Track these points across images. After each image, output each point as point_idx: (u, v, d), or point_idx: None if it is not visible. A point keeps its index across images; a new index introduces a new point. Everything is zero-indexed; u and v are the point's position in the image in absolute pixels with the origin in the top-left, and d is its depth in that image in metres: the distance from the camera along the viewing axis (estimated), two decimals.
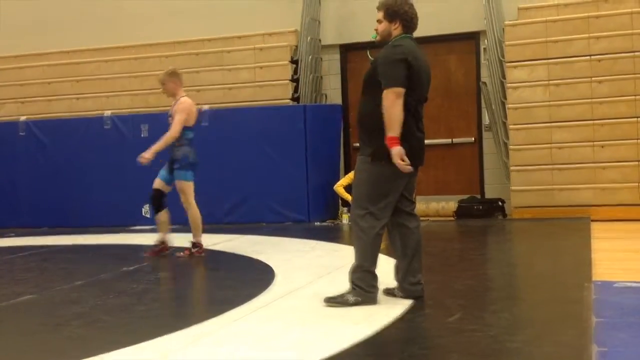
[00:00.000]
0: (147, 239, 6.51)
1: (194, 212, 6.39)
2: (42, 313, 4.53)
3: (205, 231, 6.53)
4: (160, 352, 3.46)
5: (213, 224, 8.41)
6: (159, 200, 6.37)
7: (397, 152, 4.00)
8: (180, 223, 6.68)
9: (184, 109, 6.28)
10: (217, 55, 9.77)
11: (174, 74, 6.44)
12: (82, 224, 9.03)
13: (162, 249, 6.42)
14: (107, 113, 9.45)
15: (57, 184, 9.46)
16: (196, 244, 6.41)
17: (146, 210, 8.74)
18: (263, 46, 9.65)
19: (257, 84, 9.50)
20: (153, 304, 4.82)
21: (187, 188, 6.32)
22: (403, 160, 4.00)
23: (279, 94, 9.40)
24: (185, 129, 6.31)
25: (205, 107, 8.87)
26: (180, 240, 6.59)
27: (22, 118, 9.82)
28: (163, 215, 6.41)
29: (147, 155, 6.24)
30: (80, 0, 10.48)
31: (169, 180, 6.38)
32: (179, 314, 4.39)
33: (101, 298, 4.90)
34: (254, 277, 5.28)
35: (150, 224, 6.87)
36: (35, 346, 3.75)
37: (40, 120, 9.79)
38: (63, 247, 7.68)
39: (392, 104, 4.00)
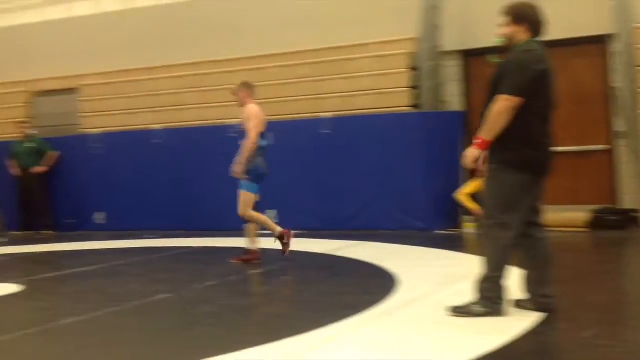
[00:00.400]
0: (271, 243, 6.67)
1: (257, 219, 6.39)
2: (177, 311, 4.78)
3: (326, 237, 6.62)
4: (287, 353, 3.55)
5: (334, 230, 8.54)
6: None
7: (474, 153, 3.97)
8: (307, 228, 6.76)
9: (255, 115, 6.38)
10: (338, 64, 9.89)
11: (246, 85, 6.61)
12: (211, 227, 9.40)
13: (251, 258, 6.46)
14: (234, 122, 9.83)
15: (187, 188, 9.93)
16: (281, 235, 6.42)
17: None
18: (382, 54, 9.68)
19: (376, 91, 9.53)
20: (279, 306, 4.97)
21: (249, 200, 6.36)
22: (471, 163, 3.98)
23: (399, 101, 9.39)
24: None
25: (327, 114, 9.02)
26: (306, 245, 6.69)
27: (156, 126, 10.44)
28: (254, 225, 6.47)
29: (237, 170, 6.37)
30: (205, 15, 10.93)
31: (256, 190, 6.45)
32: (303, 317, 4.47)
33: (231, 298, 5.11)
34: (376, 284, 5.29)
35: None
36: (170, 342, 3.96)
37: (172, 129, 10.35)
38: (194, 249, 8.06)
39: (502, 111, 3.90)
